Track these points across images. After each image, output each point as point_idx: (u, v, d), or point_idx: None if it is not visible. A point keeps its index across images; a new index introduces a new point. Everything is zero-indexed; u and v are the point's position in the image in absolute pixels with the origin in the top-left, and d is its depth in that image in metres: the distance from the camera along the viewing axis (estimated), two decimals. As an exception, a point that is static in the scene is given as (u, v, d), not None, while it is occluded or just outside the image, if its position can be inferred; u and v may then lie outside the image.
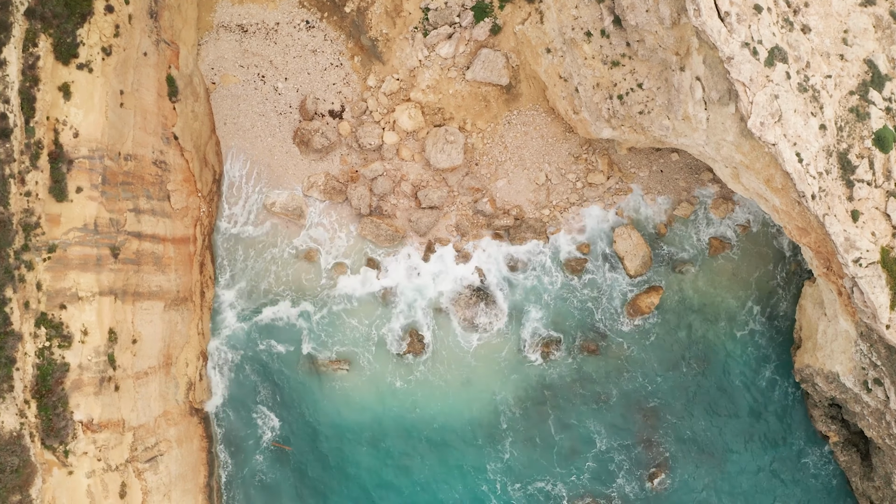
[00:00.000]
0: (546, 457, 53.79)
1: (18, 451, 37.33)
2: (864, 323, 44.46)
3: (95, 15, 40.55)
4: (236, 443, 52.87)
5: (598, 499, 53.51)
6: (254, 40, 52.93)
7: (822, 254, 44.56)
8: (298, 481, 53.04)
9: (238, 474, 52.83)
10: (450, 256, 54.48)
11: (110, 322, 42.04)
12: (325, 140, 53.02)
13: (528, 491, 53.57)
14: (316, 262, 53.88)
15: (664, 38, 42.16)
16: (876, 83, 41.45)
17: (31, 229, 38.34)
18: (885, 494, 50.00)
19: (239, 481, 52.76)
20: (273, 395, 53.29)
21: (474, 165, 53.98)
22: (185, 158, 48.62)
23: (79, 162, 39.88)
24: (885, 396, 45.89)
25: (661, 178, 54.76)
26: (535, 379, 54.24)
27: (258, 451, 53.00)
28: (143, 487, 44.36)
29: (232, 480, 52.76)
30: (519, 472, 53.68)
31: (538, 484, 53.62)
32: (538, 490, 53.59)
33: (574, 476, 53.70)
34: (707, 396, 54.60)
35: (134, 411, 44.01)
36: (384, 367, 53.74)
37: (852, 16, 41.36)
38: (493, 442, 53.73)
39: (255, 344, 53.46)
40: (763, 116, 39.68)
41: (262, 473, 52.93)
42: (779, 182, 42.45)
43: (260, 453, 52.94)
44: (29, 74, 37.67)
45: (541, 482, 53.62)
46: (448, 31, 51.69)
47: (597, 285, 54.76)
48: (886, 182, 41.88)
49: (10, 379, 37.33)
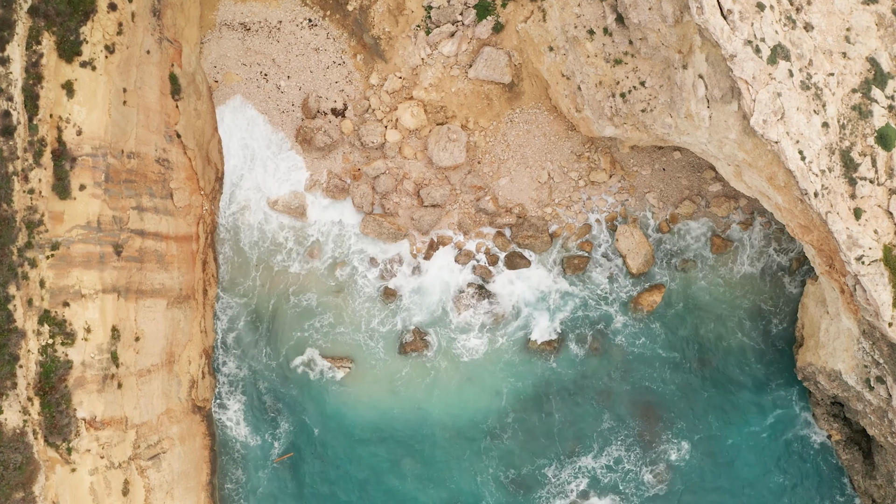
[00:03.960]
0: (548, 454, 53.79)
1: (21, 448, 37.37)
2: (867, 321, 44.46)
3: (99, 13, 40.58)
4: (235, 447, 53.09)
5: (601, 497, 53.50)
6: (256, 38, 52.98)
7: (825, 252, 44.56)
8: (300, 482, 53.05)
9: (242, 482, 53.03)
10: (452, 255, 54.49)
11: (113, 320, 42.05)
12: (327, 138, 53.06)
13: (530, 488, 53.56)
14: (318, 259, 53.91)
15: (667, 36, 42.18)
16: (878, 81, 41.45)
17: (35, 227, 38.37)
18: (887, 493, 49.98)
19: (242, 490, 52.97)
20: (274, 396, 53.32)
21: (476, 164, 54.00)
22: (188, 156, 48.66)
23: (82, 159, 39.90)
24: (888, 394, 45.88)
25: (664, 177, 54.77)
26: (537, 377, 54.23)
27: (263, 462, 53.03)
28: (146, 485, 44.40)
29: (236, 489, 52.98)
30: (521, 469, 53.67)
31: (540, 482, 53.59)
32: (540, 488, 53.57)
33: (576, 474, 53.67)
34: (709, 395, 54.57)
35: (137, 409, 44.05)
36: (387, 366, 53.75)
37: (855, 14, 41.37)
38: (496, 439, 53.73)
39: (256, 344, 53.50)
40: (766, 114, 39.70)
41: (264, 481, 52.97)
42: (781, 180, 42.46)
43: (265, 468, 53.00)
44: (32, 72, 37.69)
45: (543, 480, 53.60)
46: (450, 30, 51.72)
47: (599, 284, 54.76)
48: (889, 180, 41.89)
49: (13, 376, 37.37)
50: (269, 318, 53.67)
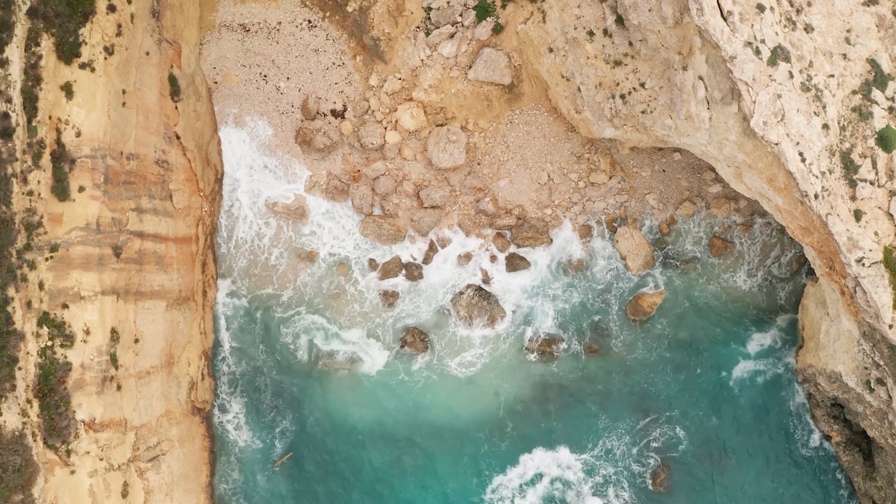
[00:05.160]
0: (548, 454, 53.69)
1: (21, 450, 37.28)
2: (867, 323, 44.41)
3: (98, 14, 40.50)
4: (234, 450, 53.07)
5: (601, 498, 53.45)
6: (256, 40, 52.93)
7: (825, 253, 44.50)
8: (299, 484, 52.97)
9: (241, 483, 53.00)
10: (452, 256, 54.43)
11: (112, 321, 41.99)
12: (327, 139, 53.00)
13: (530, 489, 53.50)
14: (317, 261, 53.86)
15: (667, 38, 42.12)
16: (879, 82, 41.40)
17: (34, 229, 38.28)
18: (887, 494, 49.92)
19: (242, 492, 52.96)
20: (274, 397, 53.25)
21: (476, 165, 53.95)
22: (188, 158, 48.60)
23: (81, 161, 39.83)
24: (888, 396, 45.82)
25: (664, 178, 54.71)
26: (536, 378, 54.18)
27: (262, 466, 52.98)
28: (145, 487, 44.33)
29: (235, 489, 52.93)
30: (521, 470, 53.60)
31: (540, 482, 53.55)
32: (539, 488, 53.52)
33: (576, 475, 53.62)
34: (709, 396, 54.52)
35: (136, 411, 43.98)
36: (386, 367, 53.70)
37: (855, 15, 41.33)
38: (495, 440, 53.67)
39: (256, 345, 53.45)
40: (766, 116, 39.65)
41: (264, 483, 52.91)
42: (781, 182, 42.41)
43: (267, 472, 52.96)
44: (31, 74, 37.61)
45: (542, 481, 53.55)
46: (450, 31, 51.66)
47: (598, 285, 54.71)
48: (889, 181, 41.84)
49: (12, 378, 37.28)
50: (269, 320, 53.59)
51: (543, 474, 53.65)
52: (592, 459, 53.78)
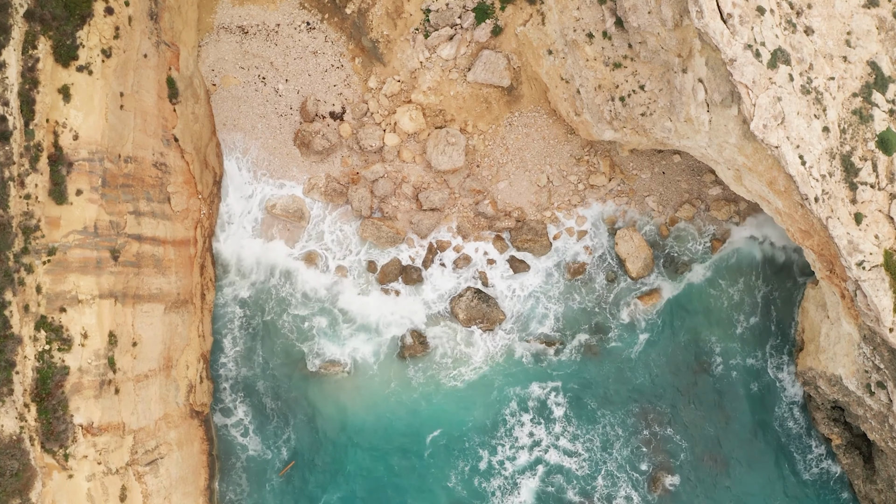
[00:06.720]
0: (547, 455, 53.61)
1: (18, 454, 37.20)
2: (867, 326, 44.31)
3: (95, 17, 40.37)
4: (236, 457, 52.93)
5: (601, 501, 53.35)
6: (254, 42, 52.78)
7: (825, 257, 44.39)
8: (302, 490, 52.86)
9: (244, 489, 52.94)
10: (451, 258, 54.33)
11: (110, 325, 41.87)
12: (325, 142, 52.88)
13: (529, 490, 53.41)
14: (316, 264, 53.73)
15: (666, 40, 41.99)
16: (879, 85, 41.28)
17: (31, 232, 38.17)
18: (887, 497, 49.84)
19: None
20: (275, 402, 53.10)
21: (475, 167, 53.83)
22: (186, 160, 48.48)
23: (78, 164, 39.72)
24: (888, 399, 45.73)
25: (663, 180, 54.59)
26: (536, 380, 54.07)
27: (265, 475, 52.84)
28: (144, 490, 44.22)
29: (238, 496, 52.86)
30: (520, 472, 53.51)
31: (539, 484, 53.46)
32: (538, 490, 53.43)
33: (574, 478, 53.53)
34: (709, 398, 54.46)
35: (134, 414, 43.87)
36: (386, 370, 53.62)
37: (855, 17, 41.20)
38: (495, 442, 53.58)
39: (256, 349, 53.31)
40: (766, 119, 39.53)
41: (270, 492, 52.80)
42: (782, 185, 42.30)
43: (272, 481, 52.82)
44: (28, 77, 37.50)
45: (541, 483, 53.46)
46: (449, 33, 51.52)
47: (598, 287, 54.61)
48: (890, 185, 41.72)
49: (9, 382, 37.19)
50: (268, 323, 53.49)
51: (541, 477, 53.55)
52: (590, 462, 53.69)
